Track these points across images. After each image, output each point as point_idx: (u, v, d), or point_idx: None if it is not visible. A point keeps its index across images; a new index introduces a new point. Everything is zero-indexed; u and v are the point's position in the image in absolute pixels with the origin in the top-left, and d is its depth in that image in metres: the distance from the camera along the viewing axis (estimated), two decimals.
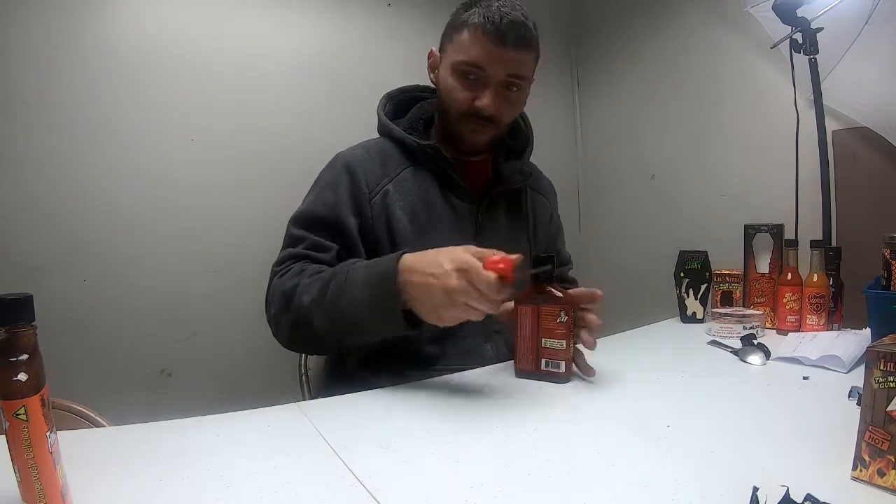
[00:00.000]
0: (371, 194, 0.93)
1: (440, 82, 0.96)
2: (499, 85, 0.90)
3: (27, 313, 0.42)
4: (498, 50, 0.87)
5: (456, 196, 0.98)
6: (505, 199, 1.04)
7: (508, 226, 1.04)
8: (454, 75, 0.91)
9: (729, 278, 1.25)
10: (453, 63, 0.91)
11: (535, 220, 1.09)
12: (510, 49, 0.87)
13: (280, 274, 0.87)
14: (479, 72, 0.89)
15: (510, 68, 0.89)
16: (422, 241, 0.90)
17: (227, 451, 0.59)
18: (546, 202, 1.14)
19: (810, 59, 1.25)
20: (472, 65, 0.89)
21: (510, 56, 0.88)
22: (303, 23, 1.74)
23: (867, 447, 0.47)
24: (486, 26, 0.86)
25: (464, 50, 0.89)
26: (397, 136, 0.98)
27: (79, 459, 0.50)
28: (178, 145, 1.54)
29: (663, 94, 1.93)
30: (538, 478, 0.52)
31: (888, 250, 0.90)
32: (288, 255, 0.89)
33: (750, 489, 0.45)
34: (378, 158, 0.96)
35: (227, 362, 1.60)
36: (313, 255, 0.88)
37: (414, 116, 1.03)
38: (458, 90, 0.91)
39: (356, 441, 0.61)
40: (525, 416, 0.69)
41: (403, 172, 0.96)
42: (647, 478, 0.51)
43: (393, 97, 1.06)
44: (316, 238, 0.90)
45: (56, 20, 1.38)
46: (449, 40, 0.93)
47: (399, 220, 0.92)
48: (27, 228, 1.37)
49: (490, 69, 0.89)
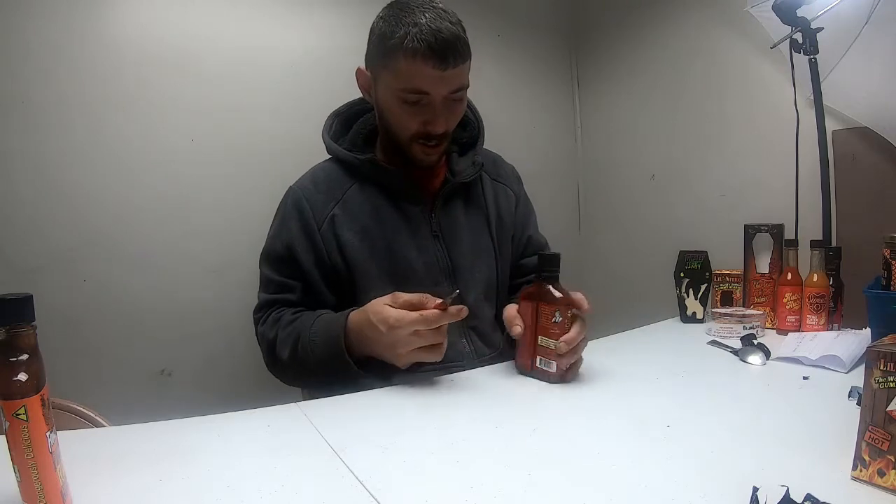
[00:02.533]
0: (319, 224, 0.95)
1: (381, 106, 0.95)
2: (443, 101, 0.89)
3: (27, 313, 0.42)
4: (439, 73, 0.84)
5: (407, 201, 0.98)
6: (462, 194, 1.03)
7: (468, 221, 1.03)
8: (397, 102, 0.89)
9: (729, 278, 1.25)
10: (395, 91, 0.88)
11: (498, 208, 1.07)
12: (450, 69, 0.85)
13: (261, 322, 0.96)
14: (423, 96, 0.87)
15: (453, 85, 0.88)
16: (375, 257, 0.95)
17: (227, 451, 0.59)
18: (508, 190, 1.11)
19: (810, 59, 1.25)
20: (416, 91, 0.87)
21: (451, 74, 0.86)
22: (303, 23, 1.74)
23: (867, 447, 0.47)
24: (423, 52, 0.82)
25: (404, 78, 0.86)
26: (340, 157, 0.99)
27: (79, 459, 0.50)
28: (178, 145, 1.54)
29: (663, 94, 1.93)
30: (538, 478, 0.52)
31: (888, 250, 0.90)
32: (263, 302, 0.97)
33: (750, 489, 0.45)
34: (324, 186, 0.98)
35: (227, 362, 1.60)
36: (282, 297, 0.96)
37: (355, 132, 1.03)
38: (404, 117, 0.90)
39: (356, 441, 0.61)
40: (525, 416, 0.69)
41: (349, 192, 0.97)
42: (647, 478, 0.51)
43: (340, 114, 1.06)
44: (280, 279, 0.96)
45: (56, 20, 1.38)
46: (383, 66, 0.89)
47: (349, 242, 0.94)
48: (27, 228, 1.37)
49: (434, 92, 0.87)
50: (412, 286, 0.86)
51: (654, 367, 0.91)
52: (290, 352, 0.88)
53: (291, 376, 0.95)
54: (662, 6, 1.90)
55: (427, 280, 0.96)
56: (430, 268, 0.97)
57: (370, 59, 0.94)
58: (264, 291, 0.98)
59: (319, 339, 0.85)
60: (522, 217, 1.13)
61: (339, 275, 0.94)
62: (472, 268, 1.01)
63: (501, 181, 1.12)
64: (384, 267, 0.95)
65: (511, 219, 1.10)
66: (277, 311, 0.95)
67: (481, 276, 1.02)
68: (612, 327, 1.17)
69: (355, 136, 1.03)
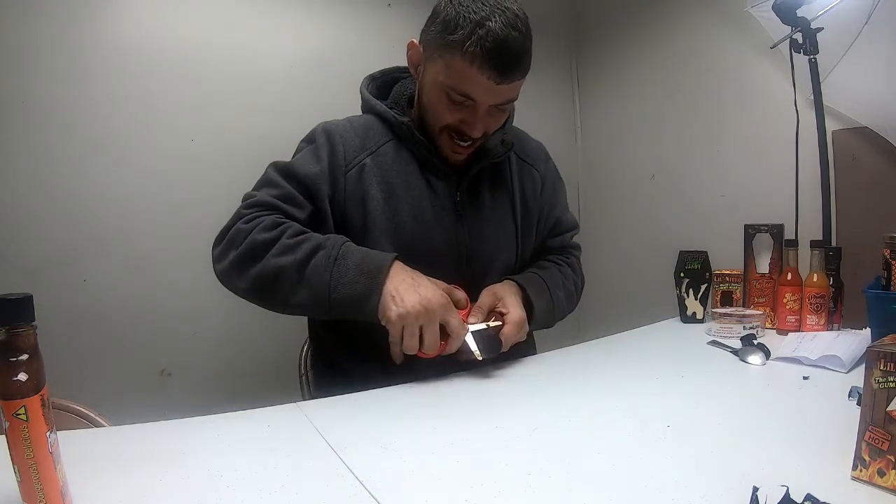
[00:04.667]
0: (347, 167, 0.89)
1: (423, 89, 0.91)
2: (488, 110, 0.86)
3: (27, 313, 0.42)
4: (493, 84, 0.81)
5: (434, 175, 0.93)
6: (489, 174, 0.99)
7: (492, 204, 0.98)
8: (441, 95, 0.85)
9: (729, 278, 1.25)
10: (441, 84, 0.84)
11: (523, 192, 1.03)
12: (506, 83, 0.82)
13: (248, 219, 0.84)
14: (469, 101, 0.84)
15: (503, 97, 0.85)
16: (396, 221, 0.89)
17: (227, 451, 0.59)
18: (534, 172, 1.06)
19: (810, 59, 1.25)
20: (463, 94, 0.83)
21: (504, 88, 0.82)
22: (303, 23, 1.74)
23: (867, 447, 0.47)
24: (482, 60, 0.78)
25: (454, 77, 0.82)
26: (379, 111, 0.95)
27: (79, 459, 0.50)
28: (177, 145, 1.54)
29: (663, 94, 1.93)
30: (538, 478, 0.52)
31: (888, 250, 0.90)
32: (261, 201, 0.86)
33: (750, 489, 0.45)
34: (361, 131, 0.93)
35: (227, 362, 1.60)
36: (285, 208, 0.86)
37: (397, 93, 1.00)
38: (443, 110, 0.87)
39: (356, 441, 0.61)
40: (525, 416, 0.69)
41: (385, 147, 0.92)
42: (647, 478, 0.51)
43: (375, 78, 1.03)
44: (291, 191, 0.87)
45: (56, 20, 1.38)
46: (438, 55, 0.84)
47: (374, 197, 0.89)
48: (27, 228, 1.37)
49: (481, 101, 0.84)
50: (424, 263, 0.84)
51: (654, 367, 0.91)
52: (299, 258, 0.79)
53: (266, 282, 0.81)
54: (662, 6, 1.90)
55: (443, 260, 0.92)
56: (448, 248, 0.93)
57: (426, 40, 0.88)
58: (267, 191, 0.88)
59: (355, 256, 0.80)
60: (550, 198, 1.08)
61: (349, 228, 0.88)
62: (492, 254, 0.98)
63: (528, 161, 1.06)
64: (403, 234, 0.89)
65: (536, 203, 1.05)
66: (279, 218, 0.84)
67: (499, 264, 0.99)
68: (612, 327, 1.17)
69: (398, 97, 0.99)
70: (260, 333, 1.60)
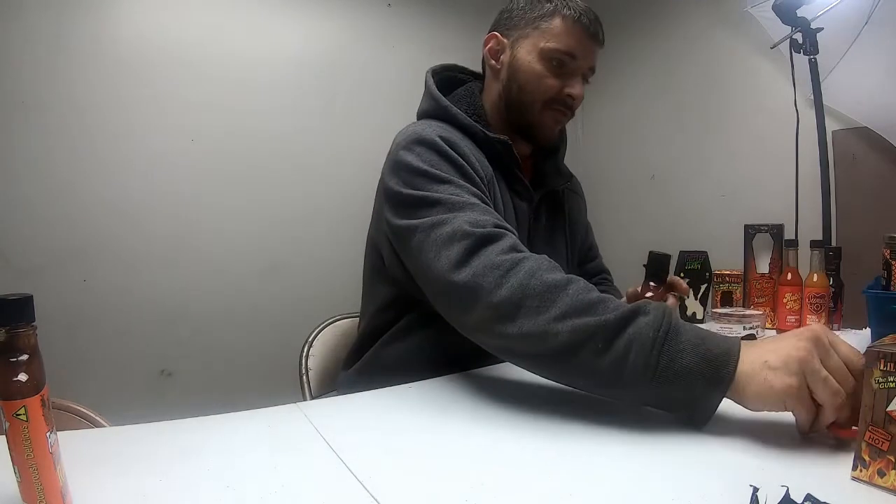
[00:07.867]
0: (486, 184, 0.84)
1: (517, 69, 0.92)
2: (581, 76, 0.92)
3: (27, 313, 0.42)
4: (589, 42, 0.90)
5: (516, 195, 0.94)
6: (549, 201, 1.03)
7: (549, 227, 1.02)
8: (542, 62, 0.90)
9: (729, 278, 1.25)
10: (543, 49, 0.89)
11: (571, 216, 1.08)
12: (596, 43, 0.91)
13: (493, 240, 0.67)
14: (570, 60, 0.90)
15: (593, 60, 0.93)
16: None
17: (227, 451, 0.59)
18: (580, 201, 1.15)
19: (810, 59, 1.25)
20: (566, 53, 0.89)
21: (595, 49, 0.92)
22: (303, 23, 1.74)
23: (867, 447, 0.47)
24: (581, 18, 0.88)
25: (557, 38, 0.88)
26: (463, 124, 0.90)
27: (79, 459, 0.50)
28: (178, 145, 1.54)
29: (663, 94, 1.93)
30: (538, 478, 0.52)
31: (888, 250, 0.90)
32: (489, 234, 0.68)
33: (750, 489, 0.45)
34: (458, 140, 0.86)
35: (227, 362, 1.60)
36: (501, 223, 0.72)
37: (471, 102, 0.95)
38: (548, 77, 0.90)
39: (356, 441, 0.61)
40: (525, 416, 0.69)
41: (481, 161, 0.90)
42: (647, 478, 0.51)
43: (436, 73, 0.99)
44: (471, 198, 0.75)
45: (56, 21, 1.38)
46: (533, 27, 0.90)
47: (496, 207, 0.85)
48: (27, 229, 1.37)
49: (581, 59, 0.90)
50: None
51: None
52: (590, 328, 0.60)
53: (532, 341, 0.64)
54: (662, 7, 1.90)
55: None
56: None
57: (509, 26, 0.93)
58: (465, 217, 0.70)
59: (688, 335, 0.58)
60: (585, 220, 1.16)
61: None
62: None
63: (576, 191, 1.13)
64: None
65: (579, 229, 1.11)
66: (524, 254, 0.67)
67: None
68: None
69: (476, 107, 0.94)
70: (260, 333, 1.60)
